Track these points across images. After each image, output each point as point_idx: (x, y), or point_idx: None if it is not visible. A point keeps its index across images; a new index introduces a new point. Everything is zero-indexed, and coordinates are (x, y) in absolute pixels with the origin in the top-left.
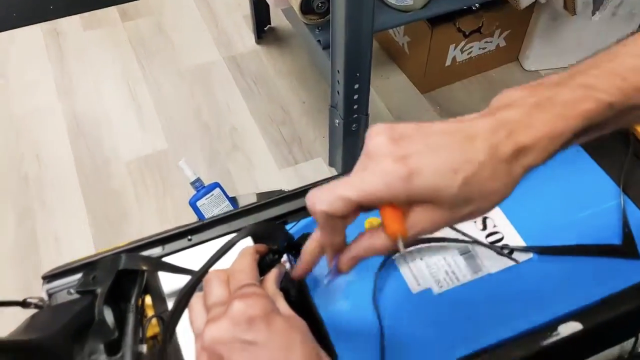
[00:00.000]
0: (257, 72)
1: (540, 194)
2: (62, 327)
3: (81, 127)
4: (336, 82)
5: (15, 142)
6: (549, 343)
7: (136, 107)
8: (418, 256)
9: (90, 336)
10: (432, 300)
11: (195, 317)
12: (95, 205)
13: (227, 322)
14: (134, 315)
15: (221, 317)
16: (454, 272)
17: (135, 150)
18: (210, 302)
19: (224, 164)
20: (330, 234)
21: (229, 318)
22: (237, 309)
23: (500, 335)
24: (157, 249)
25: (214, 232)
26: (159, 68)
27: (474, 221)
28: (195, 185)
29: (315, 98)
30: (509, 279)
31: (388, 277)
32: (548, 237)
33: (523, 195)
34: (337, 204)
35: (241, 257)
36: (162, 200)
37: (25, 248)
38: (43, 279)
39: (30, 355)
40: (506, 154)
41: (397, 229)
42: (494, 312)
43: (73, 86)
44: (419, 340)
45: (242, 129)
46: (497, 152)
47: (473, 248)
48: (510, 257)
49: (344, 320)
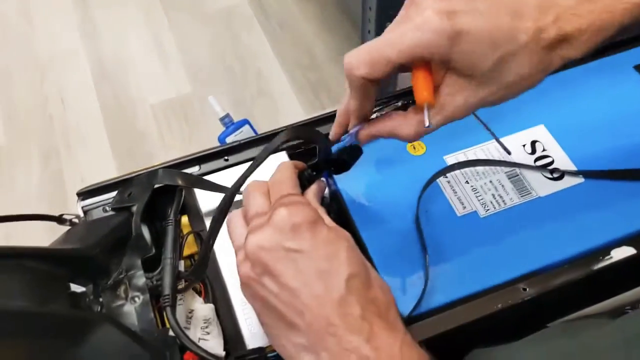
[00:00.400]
0: (283, 15)
1: (590, 117)
2: (100, 240)
3: (105, 70)
4: (367, 21)
5: (40, 84)
6: (601, 267)
7: (160, 51)
8: (463, 179)
9: (127, 251)
10: (478, 223)
11: (235, 228)
12: (121, 147)
13: (271, 229)
14: (173, 229)
15: (264, 225)
16: (500, 195)
17: (159, 93)
18: (252, 212)
19: (249, 109)
20: (361, 100)
21: (272, 225)
22: (281, 217)
23: (549, 260)
24: (194, 168)
25: (250, 153)
26: (182, 11)
27: (522, 144)
28: (224, 122)
29: (342, 42)
30: (558, 202)
31: (432, 199)
32: (599, 161)
33: (573, 118)
34: (377, 67)
35: (280, 170)
36: (187, 142)
37: (51, 188)
38: (78, 195)
39: (69, 264)
40: (548, 40)
41: (426, 97)
42: (542, 236)
43: (97, 30)
44: (464, 263)
45: (268, 73)
46: (541, 36)
47: (521, 171)
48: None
49: (385, 242)
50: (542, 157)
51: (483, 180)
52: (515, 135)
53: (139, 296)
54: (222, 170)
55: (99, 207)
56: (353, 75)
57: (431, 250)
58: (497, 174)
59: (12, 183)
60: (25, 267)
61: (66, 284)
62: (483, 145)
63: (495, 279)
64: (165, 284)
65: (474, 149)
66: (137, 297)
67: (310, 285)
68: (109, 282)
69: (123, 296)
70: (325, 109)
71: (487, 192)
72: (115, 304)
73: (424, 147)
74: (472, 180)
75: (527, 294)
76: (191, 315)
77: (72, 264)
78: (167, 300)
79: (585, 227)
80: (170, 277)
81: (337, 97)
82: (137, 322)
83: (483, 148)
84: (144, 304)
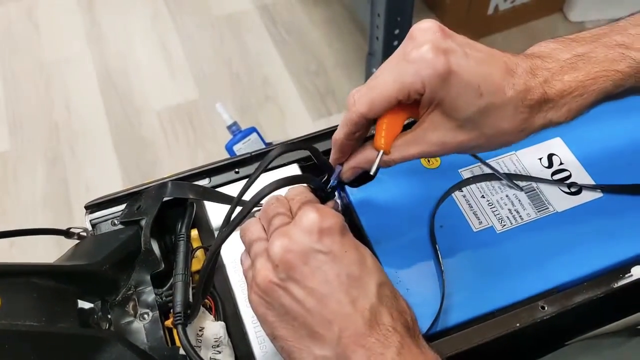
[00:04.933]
0: (290, 22)
1: (608, 129)
2: (108, 255)
3: (111, 76)
4: (375, 27)
5: (45, 90)
6: (622, 285)
7: (167, 57)
8: (479, 193)
9: (136, 266)
10: (494, 239)
11: (252, 234)
12: (126, 155)
13: (299, 231)
14: (184, 244)
15: (291, 228)
16: (517, 210)
17: (166, 99)
18: (272, 214)
19: (255, 115)
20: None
21: (300, 227)
22: (310, 219)
23: (568, 277)
24: (204, 181)
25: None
26: (189, 17)
27: (538, 158)
28: (231, 130)
29: (349, 49)
30: (576, 218)
31: (447, 214)
32: (618, 175)
33: (590, 131)
34: (377, 105)
35: (295, 187)
36: (193, 149)
37: (56, 196)
38: (86, 208)
39: (77, 280)
40: (533, 100)
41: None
42: (561, 252)
43: (103, 35)
44: (481, 280)
45: (274, 79)
46: (527, 95)
47: (538, 186)
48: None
49: (399, 257)
50: (559, 170)
51: (499, 195)
52: (531, 148)
53: (148, 313)
54: (232, 183)
55: (107, 221)
56: (354, 112)
57: (447, 266)
58: (513, 188)
59: (17, 189)
60: (34, 285)
61: (75, 301)
62: (499, 159)
63: (513, 296)
64: (176, 301)
65: (490, 163)
66: (147, 314)
67: (341, 291)
68: (118, 298)
69: (132, 313)
70: (331, 114)
71: (504, 206)
72: (124, 321)
73: (438, 160)
74: (488, 195)
75: (546, 312)
76: (201, 333)
77: (80, 280)
78: (179, 318)
79: (604, 243)
80: (181, 294)
81: (343, 104)
82: (146, 340)
83: (499, 161)
84: (154, 321)
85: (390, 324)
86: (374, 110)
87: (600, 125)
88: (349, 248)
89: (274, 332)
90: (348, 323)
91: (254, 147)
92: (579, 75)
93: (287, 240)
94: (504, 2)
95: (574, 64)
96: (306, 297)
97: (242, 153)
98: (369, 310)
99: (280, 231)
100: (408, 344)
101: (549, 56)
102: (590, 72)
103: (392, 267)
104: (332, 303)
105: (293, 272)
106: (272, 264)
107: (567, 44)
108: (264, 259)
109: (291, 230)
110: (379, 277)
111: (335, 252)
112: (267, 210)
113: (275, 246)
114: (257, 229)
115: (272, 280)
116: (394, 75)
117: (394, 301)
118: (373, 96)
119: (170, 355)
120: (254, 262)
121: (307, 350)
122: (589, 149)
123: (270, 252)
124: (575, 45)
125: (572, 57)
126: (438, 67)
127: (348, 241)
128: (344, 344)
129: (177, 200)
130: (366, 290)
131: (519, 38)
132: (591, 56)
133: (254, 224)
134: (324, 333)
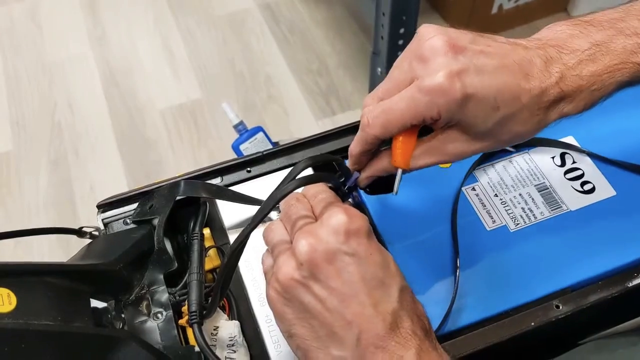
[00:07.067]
0: (292, 21)
1: (620, 127)
2: (121, 254)
3: (114, 76)
4: (380, 27)
5: (48, 89)
6: (635, 285)
7: (169, 56)
8: (492, 192)
9: (149, 265)
10: (508, 238)
11: (275, 234)
12: (130, 154)
13: (325, 231)
14: (198, 243)
15: (317, 227)
16: (530, 209)
17: (169, 99)
18: (296, 216)
19: (259, 115)
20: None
21: (326, 227)
22: (338, 220)
23: (582, 276)
24: (216, 180)
25: (273, 165)
26: (191, 16)
27: (551, 156)
28: (238, 129)
29: (352, 48)
30: (590, 216)
31: (460, 213)
32: (631, 175)
33: (603, 129)
34: (390, 130)
35: (315, 185)
36: (197, 149)
37: (60, 194)
38: (98, 207)
39: (91, 279)
40: (549, 100)
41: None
42: (575, 251)
43: (105, 36)
44: (495, 279)
45: (278, 79)
46: (543, 97)
47: (551, 184)
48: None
49: (412, 256)
50: (572, 169)
51: (512, 194)
52: (543, 146)
53: (161, 312)
54: (244, 182)
55: (119, 220)
56: (367, 134)
57: (460, 265)
58: (526, 187)
59: (20, 189)
60: (48, 284)
61: (88, 300)
62: (512, 157)
63: (527, 296)
64: (192, 300)
65: (503, 162)
66: (160, 313)
67: (364, 293)
68: (131, 298)
69: (145, 312)
70: (335, 114)
71: (517, 205)
72: (138, 320)
73: None
74: (501, 194)
75: (560, 311)
76: (216, 332)
77: (94, 280)
78: (195, 317)
79: (619, 241)
80: (197, 293)
81: (346, 103)
82: (160, 339)
83: (512, 160)
84: (167, 321)
85: (410, 328)
86: (388, 133)
87: (613, 123)
88: (374, 251)
89: (291, 329)
90: (369, 325)
91: (260, 146)
92: (597, 68)
93: (313, 240)
94: (507, 1)
95: (592, 56)
96: (328, 297)
97: (251, 152)
98: (390, 314)
99: (306, 230)
100: (426, 347)
101: (565, 45)
102: (608, 64)
103: (404, 267)
104: (354, 304)
105: (317, 271)
106: (296, 262)
107: (583, 28)
108: (286, 256)
109: (318, 229)
110: (401, 282)
111: (360, 255)
112: (289, 211)
113: (301, 245)
114: (281, 231)
115: (294, 277)
116: (407, 102)
117: (414, 305)
118: (387, 120)
119: (184, 355)
120: (276, 259)
121: (325, 350)
122: (602, 147)
123: (296, 251)
124: (593, 31)
125: (591, 47)
126: (454, 95)
127: (373, 244)
128: (363, 346)
129: (188, 200)
130: (389, 294)
131: (523, 37)
132: (610, 47)
133: (277, 225)
134: (343, 334)
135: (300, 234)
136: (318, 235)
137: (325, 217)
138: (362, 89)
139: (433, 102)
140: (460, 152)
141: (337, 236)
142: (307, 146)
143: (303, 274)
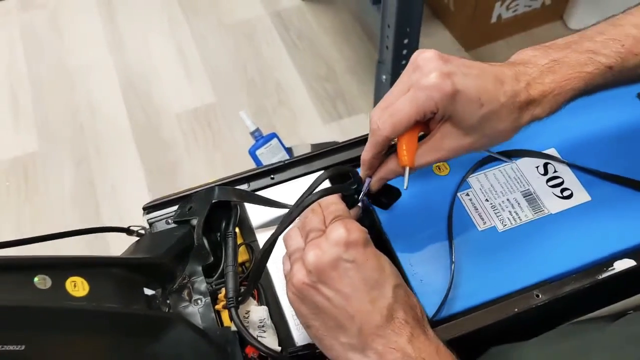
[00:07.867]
0: (302, 28)
1: (597, 141)
2: (167, 250)
3: (132, 80)
4: (385, 37)
5: (70, 93)
6: (605, 277)
7: (184, 62)
8: (483, 197)
9: (190, 259)
10: (497, 237)
11: (293, 242)
12: (148, 156)
13: (328, 243)
14: (233, 240)
15: (322, 240)
16: (516, 212)
17: (184, 103)
18: (309, 228)
19: (270, 119)
20: (376, 152)
21: (330, 240)
22: (339, 233)
23: (560, 270)
24: (244, 186)
25: (294, 172)
26: (204, 23)
27: (535, 166)
28: (254, 135)
29: (358, 55)
30: (568, 219)
31: (455, 215)
32: (605, 183)
33: (581, 142)
34: (398, 128)
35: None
36: (212, 151)
37: (83, 194)
38: (143, 209)
39: (144, 271)
40: (520, 102)
41: (406, 162)
42: (554, 248)
43: (123, 42)
44: (484, 271)
45: (287, 84)
46: (516, 98)
47: (535, 191)
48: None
49: (414, 252)
50: (553, 177)
51: (501, 199)
52: (529, 157)
53: (201, 299)
54: (268, 188)
55: (161, 220)
56: (378, 135)
57: (455, 260)
58: (513, 192)
59: (46, 188)
60: (113, 274)
61: (142, 288)
62: (501, 167)
63: (511, 286)
64: (229, 287)
65: (493, 171)
66: (200, 300)
67: (363, 292)
68: (175, 287)
69: (187, 299)
70: (342, 118)
71: (505, 209)
72: (181, 306)
73: (448, 167)
74: (491, 199)
75: (539, 299)
76: (247, 316)
77: (146, 271)
78: (232, 302)
79: (591, 241)
80: (233, 282)
81: (353, 108)
82: (201, 322)
83: (501, 169)
84: (206, 306)
85: (403, 317)
86: (396, 132)
87: (591, 137)
88: (370, 257)
89: (307, 322)
90: (368, 318)
91: (274, 152)
92: (556, 77)
93: (319, 251)
94: (506, 11)
95: (551, 68)
96: (334, 296)
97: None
98: (386, 308)
99: (314, 243)
100: (417, 333)
101: (529, 62)
102: (565, 74)
103: (408, 261)
104: (355, 302)
105: (324, 276)
106: (306, 270)
107: (544, 50)
108: (299, 264)
109: (322, 242)
110: (395, 280)
111: (358, 261)
112: (305, 223)
113: (309, 256)
114: (297, 239)
115: (305, 282)
116: (409, 100)
117: (407, 298)
118: (395, 120)
119: (221, 335)
120: (292, 266)
121: (335, 338)
122: (580, 157)
123: (305, 261)
124: (551, 52)
125: (549, 62)
126: (446, 89)
127: (370, 251)
128: (364, 334)
129: (220, 203)
130: (384, 292)
131: (521, 45)
132: (565, 61)
133: (294, 233)
134: (348, 325)
135: (309, 246)
136: (323, 247)
137: (329, 230)
138: (368, 93)
139: (430, 96)
140: (454, 147)
141: (338, 247)
142: (323, 156)
143: (312, 279)
